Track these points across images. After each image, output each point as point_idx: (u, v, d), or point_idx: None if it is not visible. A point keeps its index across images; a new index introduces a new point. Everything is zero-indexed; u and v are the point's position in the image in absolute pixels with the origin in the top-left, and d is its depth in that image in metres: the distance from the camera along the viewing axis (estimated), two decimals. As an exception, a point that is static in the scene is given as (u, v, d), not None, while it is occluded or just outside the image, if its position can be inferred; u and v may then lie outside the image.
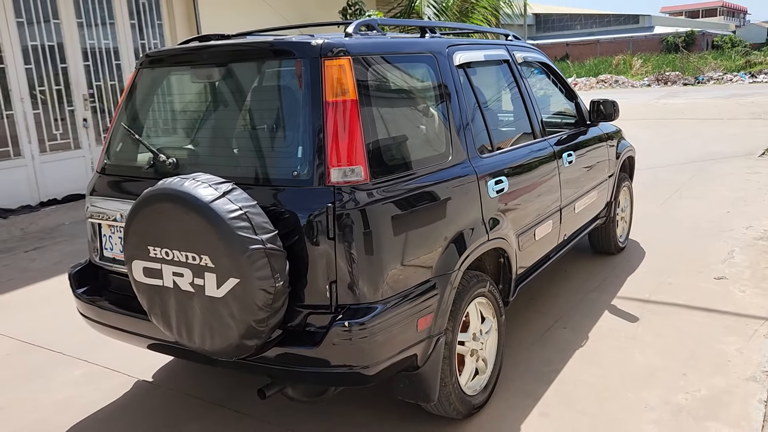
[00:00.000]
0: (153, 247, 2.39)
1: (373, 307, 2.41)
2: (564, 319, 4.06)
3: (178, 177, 2.38)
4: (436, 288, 2.65)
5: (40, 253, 6.42)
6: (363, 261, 2.39)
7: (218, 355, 2.44)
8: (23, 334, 4.31)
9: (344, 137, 2.41)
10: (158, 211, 2.36)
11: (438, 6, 11.15)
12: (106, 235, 2.98)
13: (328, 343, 2.34)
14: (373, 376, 2.44)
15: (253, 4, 9.99)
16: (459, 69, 3.17)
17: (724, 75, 27.77)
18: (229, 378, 3.50)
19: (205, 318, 2.36)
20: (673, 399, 3.10)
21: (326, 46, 2.50)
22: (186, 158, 2.77)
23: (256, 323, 2.28)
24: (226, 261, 2.23)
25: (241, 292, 2.24)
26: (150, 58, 3.02)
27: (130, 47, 8.82)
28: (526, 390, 3.25)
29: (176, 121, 3.03)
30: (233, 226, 2.21)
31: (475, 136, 3.11)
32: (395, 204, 2.50)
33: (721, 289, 4.43)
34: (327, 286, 2.39)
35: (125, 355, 3.84)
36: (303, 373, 2.46)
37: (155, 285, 2.45)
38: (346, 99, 2.45)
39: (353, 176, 2.40)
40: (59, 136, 8.12)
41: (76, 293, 3.08)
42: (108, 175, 3.03)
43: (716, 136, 11.95)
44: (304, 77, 2.49)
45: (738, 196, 7.08)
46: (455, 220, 2.81)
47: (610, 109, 4.47)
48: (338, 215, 2.35)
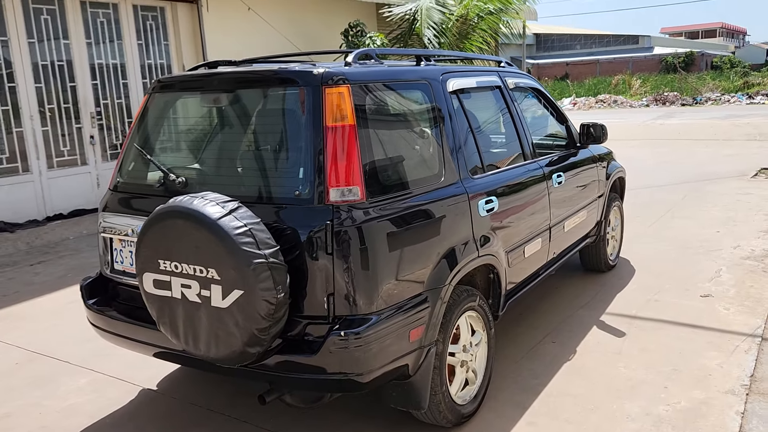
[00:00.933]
0: (163, 260, 2.56)
1: (367, 318, 2.57)
2: (553, 334, 4.21)
3: (188, 195, 2.55)
4: (427, 301, 2.81)
5: (45, 266, 6.58)
6: (359, 275, 2.56)
7: (222, 362, 2.60)
8: (30, 344, 4.46)
9: (342, 159, 2.59)
10: (169, 227, 2.53)
11: (438, 28, 11.38)
12: (117, 249, 3.15)
13: (325, 352, 2.50)
14: (367, 383, 2.59)
15: (257, 25, 10.24)
16: (452, 95, 3.36)
17: (722, 96, 28.07)
18: (230, 386, 3.65)
19: (210, 327, 2.52)
20: (654, 410, 3.24)
21: (327, 75, 2.69)
22: (195, 178, 2.95)
23: (259, 332, 2.44)
24: (231, 274, 2.40)
25: (245, 302, 2.41)
26: (161, 84, 3.22)
27: (137, 66, 9.04)
28: (514, 401, 3.40)
29: (185, 142, 3.22)
30: (238, 242, 2.38)
31: (467, 158, 3.29)
32: (390, 222, 2.67)
33: (706, 306, 4.58)
34: (325, 298, 2.56)
35: (129, 364, 4.00)
36: (301, 380, 2.61)
37: (164, 296, 2.61)
38: (345, 124, 2.63)
39: (350, 196, 2.58)
40: (66, 152, 8.32)
41: (87, 304, 3.24)
42: (120, 192, 3.21)
43: (711, 157, 12.15)
44: (306, 103, 2.68)
45: (728, 216, 7.26)
46: (447, 238, 2.98)
47: (599, 132, 4.66)
48: (336, 232, 2.52)
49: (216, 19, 9.71)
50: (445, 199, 3.02)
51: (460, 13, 11.93)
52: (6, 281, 6.07)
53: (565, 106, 30.83)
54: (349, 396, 3.33)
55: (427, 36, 11.39)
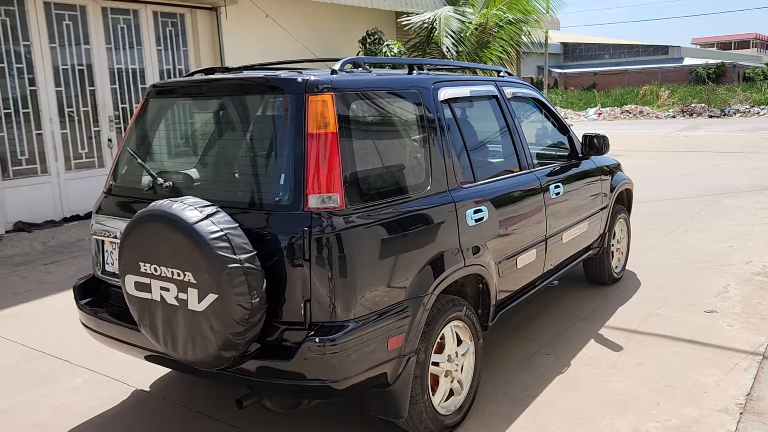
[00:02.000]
0: (143, 263, 2.60)
1: (344, 326, 2.57)
2: (548, 346, 4.17)
3: (168, 199, 2.59)
4: (408, 310, 2.80)
5: (58, 266, 6.71)
6: (336, 282, 2.57)
7: (199, 365, 2.63)
8: (35, 343, 4.55)
9: (323, 166, 2.61)
10: (149, 230, 2.57)
11: (456, 36, 11.39)
12: (108, 251, 3.21)
13: (301, 357, 2.51)
14: (343, 390, 2.60)
15: (275, 32, 10.35)
16: (444, 104, 3.36)
17: (751, 108, 27.59)
18: (219, 390, 3.68)
19: (187, 330, 2.55)
20: (642, 427, 3.19)
21: (311, 83, 2.71)
22: (182, 182, 2.99)
23: (233, 336, 2.47)
24: (206, 277, 2.43)
25: (219, 306, 2.43)
26: (156, 89, 3.27)
27: (156, 71, 9.20)
28: (500, 413, 3.37)
29: (176, 147, 3.27)
30: (213, 246, 2.41)
31: (457, 168, 3.28)
32: (370, 229, 2.68)
33: (709, 322, 4.49)
34: (302, 304, 2.57)
35: (127, 365, 4.05)
36: (278, 385, 2.63)
37: (145, 298, 2.65)
38: (327, 131, 2.64)
39: (330, 203, 2.59)
40: (84, 155, 8.48)
41: (79, 304, 3.30)
42: (113, 195, 3.27)
43: (733, 170, 11.94)
44: (289, 110, 2.70)
45: (744, 231, 7.12)
46: (430, 246, 2.97)
47: (601, 143, 4.62)
48: (314, 239, 2.53)
49: (234, 26, 9.84)
50: (430, 208, 3.01)
51: (479, 22, 11.92)
52: (19, 280, 6.20)
53: (590, 116, 30.57)
54: (335, 403, 3.34)
55: (445, 44, 11.40)
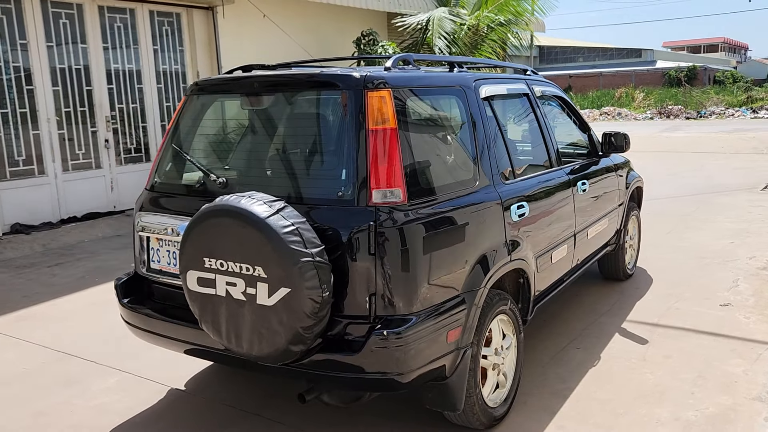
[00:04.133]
0: (208, 258, 2.60)
1: (408, 319, 2.60)
2: (577, 341, 4.24)
3: (234, 195, 2.59)
4: (464, 303, 2.84)
5: (63, 268, 6.62)
6: (400, 276, 2.60)
7: (264, 360, 2.63)
8: (55, 344, 4.49)
9: (385, 162, 2.64)
10: (216, 225, 2.57)
11: (449, 38, 11.48)
12: (154, 248, 3.19)
13: (367, 351, 2.53)
14: (407, 383, 2.62)
15: (271, 32, 10.32)
16: (484, 101, 3.41)
17: (726, 110, 28.20)
18: (259, 387, 3.68)
19: (254, 325, 2.56)
20: (683, 415, 3.27)
21: (369, 79, 2.73)
22: (235, 178, 2.99)
23: (303, 330, 2.48)
24: (278, 272, 2.44)
25: (291, 300, 2.44)
26: (200, 86, 3.27)
27: (152, 71, 9.11)
28: (542, 405, 3.42)
29: (223, 144, 3.27)
30: (286, 240, 2.42)
31: (499, 164, 3.33)
32: (429, 224, 2.71)
33: (726, 315, 4.61)
34: (366, 298, 2.59)
35: (156, 364, 4.03)
36: (341, 379, 2.64)
37: (208, 294, 2.65)
38: (387, 127, 2.67)
39: (392, 198, 2.62)
40: (81, 155, 8.37)
41: (121, 302, 3.27)
42: (158, 192, 3.25)
43: (720, 169, 12.20)
44: (348, 107, 2.72)
45: (741, 228, 7.29)
46: (482, 241, 3.02)
47: (622, 141, 4.71)
48: (379, 233, 2.56)
49: (231, 26, 9.79)
50: (480, 203, 3.06)
51: (472, 24, 12.03)
52: (26, 282, 6.10)
53: (569, 118, 30.91)
54: (381, 397, 3.36)
55: (438, 45, 11.48)
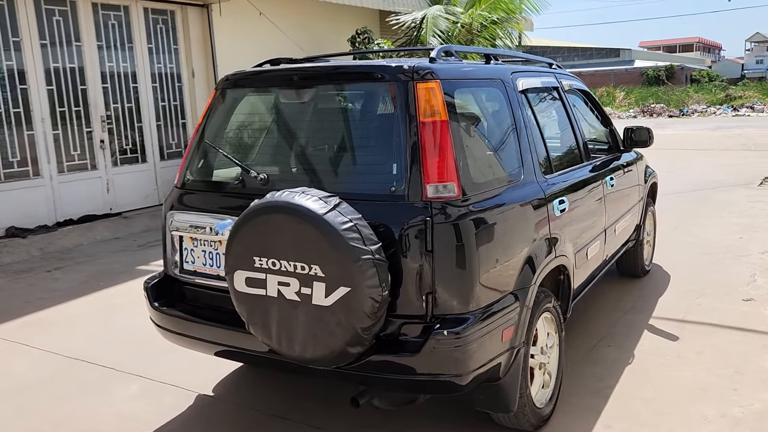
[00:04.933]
0: (259, 257, 2.48)
1: (465, 318, 2.51)
2: (607, 338, 4.18)
3: (286, 191, 2.48)
4: (517, 301, 2.76)
5: (63, 272, 6.43)
6: (457, 273, 2.51)
7: (317, 363, 2.52)
8: (67, 351, 4.32)
9: (438, 155, 2.54)
10: (268, 222, 2.46)
11: (444, 36, 11.42)
12: (188, 249, 3.06)
13: (426, 352, 2.44)
14: (465, 385, 2.53)
15: (267, 30, 10.18)
16: (521, 94, 3.33)
17: (708, 108, 28.56)
18: (288, 390, 3.57)
19: (309, 326, 2.45)
20: (729, 412, 3.22)
21: (417, 70, 2.64)
22: (276, 174, 2.88)
23: (362, 331, 2.38)
24: (337, 270, 2.33)
25: (350, 300, 2.34)
26: (231, 80, 3.14)
27: (147, 70, 8.91)
28: (585, 404, 3.35)
29: (260, 139, 3.14)
30: (346, 237, 2.31)
31: (540, 157, 3.26)
32: (483, 219, 2.63)
33: (751, 310, 4.59)
34: (422, 296, 2.50)
35: (178, 369, 3.90)
36: (398, 381, 2.54)
37: (257, 294, 2.53)
38: (438, 119, 2.58)
39: (446, 192, 2.53)
40: (77, 156, 8.16)
41: (153, 305, 3.14)
42: (190, 190, 3.12)
43: (712, 166, 12.29)
44: (397, 99, 2.63)
45: (746, 223, 7.32)
46: (531, 237, 2.94)
47: (645, 135, 4.66)
48: (436, 229, 2.47)
49: (226, 24, 9.63)
50: (528, 197, 2.98)
51: (465, 22, 11.99)
52: (27, 287, 5.91)
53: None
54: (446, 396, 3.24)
55: (432, 44, 11.41)
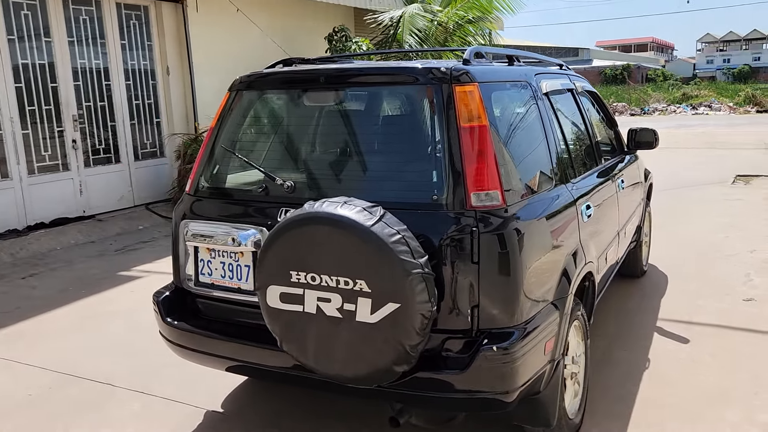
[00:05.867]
0: (296, 272, 2.33)
1: (510, 332, 2.41)
2: (618, 342, 4.14)
3: (326, 201, 2.33)
4: (556, 311, 2.67)
5: (39, 280, 6.12)
6: (503, 285, 2.40)
7: (359, 382, 2.38)
8: (57, 365, 4.07)
9: (480, 162, 2.43)
10: (307, 235, 2.30)
11: (422, 35, 11.32)
12: (204, 260, 2.88)
13: (475, 368, 2.32)
14: (511, 402, 2.42)
15: (244, 27, 9.91)
16: (545, 96, 3.24)
17: (668, 106, 29.16)
18: (301, 408, 3.41)
19: (351, 344, 2.31)
20: (757, 418, 3.19)
21: (455, 72, 2.52)
22: (304, 182, 2.72)
23: (410, 348, 2.25)
24: (385, 286, 2.20)
25: (399, 317, 2.21)
26: (248, 81, 2.97)
27: (120, 67, 8.57)
28: (612, 411, 3.29)
29: (283, 144, 2.97)
30: (395, 251, 2.18)
31: (566, 162, 3.18)
32: (526, 228, 2.52)
33: (754, 310, 4.61)
34: (468, 310, 2.38)
35: (180, 384, 3.72)
36: (442, 399, 2.42)
37: (293, 311, 2.38)
38: (478, 124, 2.47)
39: (490, 201, 2.42)
40: (48, 157, 7.79)
41: (166, 321, 2.95)
42: (206, 198, 2.94)
43: (682, 165, 12.48)
44: (436, 103, 2.51)
45: (728, 222, 7.41)
46: (566, 244, 2.85)
47: (650, 137, 4.63)
48: (482, 240, 2.35)
49: (202, 20, 9.33)
50: (562, 203, 2.90)
51: (441, 21, 11.92)
52: (1, 296, 5.59)
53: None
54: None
55: (408, 42, 11.31)
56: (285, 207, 2.63)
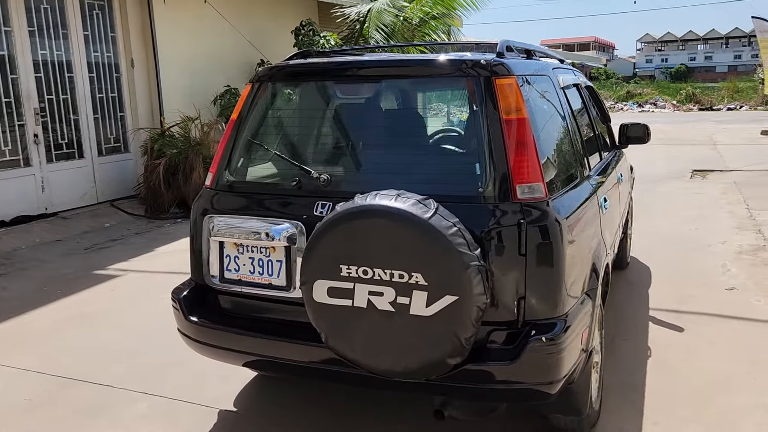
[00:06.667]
0: (347, 266, 2.29)
1: (554, 323, 2.43)
2: (619, 332, 4.24)
3: (377, 194, 2.29)
4: (590, 301, 2.71)
5: (9, 280, 5.85)
6: (548, 277, 2.42)
7: (410, 376, 2.36)
8: (50, 368, 3.90)
9: (523, 154, 2.45)
10: (360, 228, 2.26)
11: (387, 30, 11.30)
12: (231, 256, 2.80)
13: (525, 359, 2.33)
14: (554, 393, 2.45)
15: (211, 20, 9.67)
16: (562, 90, 3.28)
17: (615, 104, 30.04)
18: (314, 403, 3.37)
19: (403, 338, 2.28)
20: (761, 401, 3.31)
21: (495, 64, 2.53)
22: (341, 175, 2.67)
23: (465, 341, 2.25)
24: (443, 278, 2.18)
25: (456, 309, 2.20)
26: (274, 71, 2.90)
27: (83, 59, 8.25)
28: (626, 400, 3.36)
29: (313, 137, 2.91)
30: (454, 243, 2.17)
31: (586, 154, 3.23)
32: (566, 219, 2.55)
33: (738, 299, 4.79)
34: (515, 302, 2.39)
35: (185, 383, 3.63)
36: (488, 391, 2.43)
37: (341, 305, 2.34)
38: (519, 117, 2.48)
39: (534, 193, 2.43)
40: (8, 152, 7.44)
41: (189, 319, 2.86)
42: (232, 192, 2.85)
43: (643, 160, 12.74)
44: (477, 95, 2.50)
45: (696, 214, 7.70)
46: (595, 236, 2.90)
47: (641, 132, 4.74)
48: (529, 231, 2.37)
49: (169, 12, 9.06)
50: (590, 195, 2.95)
51: (407, 16, 11.94)
52: (-29, 298, 5.32)
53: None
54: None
55: (375, 38, 11.28)
56: (321, 201, 2.58)
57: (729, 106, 29.83)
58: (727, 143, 15.34)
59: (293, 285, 2.65)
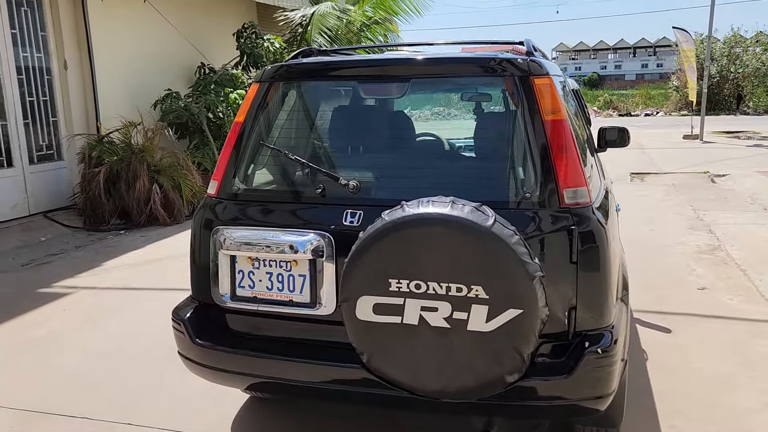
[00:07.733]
0: (397, 279, 2.09)
1: (602, 334, 2.33)
2: (610, 335, 4.22)
3: (428, 201, 2.10)
4: (626, 308, 2.64)
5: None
6: (599, 285, 2.33)
7: (464, 396, 2.19)
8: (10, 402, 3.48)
9: (568, 158, 2.34)
10: (413, 239, 2.07)
11: (332, 34, 11.11)
12: (243, 271, 2.54)
13: (580, 373, 2.22)
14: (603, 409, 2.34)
15: (150, 20, 9.17)
16: (571, 92, 3.22)
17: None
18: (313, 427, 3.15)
19: (459, 356, 2.11)
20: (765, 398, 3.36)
21: (532, 63, 2.41)
22: (371, 181, 2.47)
23: (526, 357, 2.10)
24: (507, 291, 2.03)
25: (520, 323, 2.05)
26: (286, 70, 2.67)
27: (11, 59, 7.61)
28: (638, 403, 3.31)
29: (338, 140, 2.69)
30: (518, 253, 2.02)
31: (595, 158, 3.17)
32: (610, 225, 2.46)
33: (712, 298, 4.89)
34: (566, 312, 2.28)
35: (167, 410, 3.36)
36: (538, 408, 2.30)
37: (389, 323, 2.14)
38: (559, 118, 2.38)
39: (580, 198, 2.33)
40: (-71, 161, 6.77)
41: (195, 342, 2.58)
42: (240, 200, 2.60)
43: (577, 163, 13.23)
44: (517, 95, 2.38)
45: (647, 216, 7.90)
46: (619, 240, 2.83)
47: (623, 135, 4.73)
48: (581, 238, 2.26)
49: (105, 11, 8.52)
50: (610, 198, 2.89)
51: (350, 19, 11.80)
52: None
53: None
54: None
55: (318, 41, 11.08)
56: (350, 209, 2.38)
57: (646, 112, 31.27)
58: (655, 147, 15.98)
59: (318, 301, 2.44)
